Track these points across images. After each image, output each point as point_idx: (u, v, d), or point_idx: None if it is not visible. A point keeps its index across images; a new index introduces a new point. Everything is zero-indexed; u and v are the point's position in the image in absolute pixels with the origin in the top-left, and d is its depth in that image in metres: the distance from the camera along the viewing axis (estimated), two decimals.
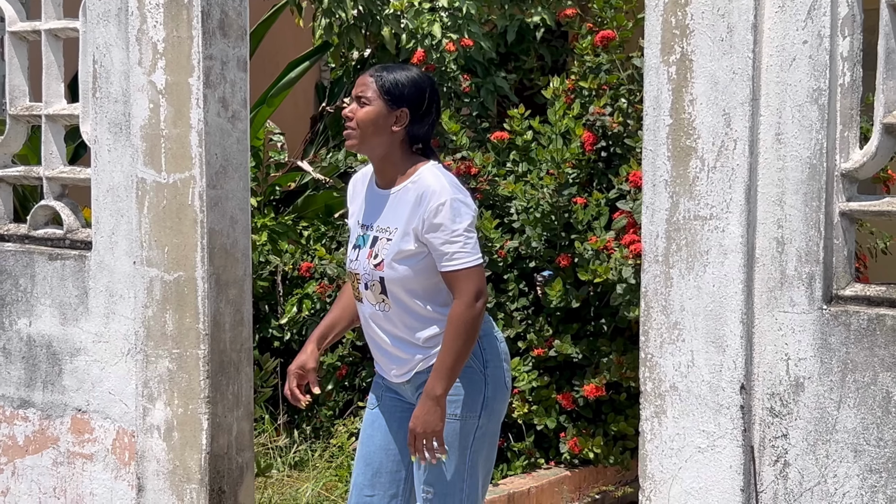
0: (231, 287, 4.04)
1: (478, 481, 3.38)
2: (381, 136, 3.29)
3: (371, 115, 3.29)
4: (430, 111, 3.32)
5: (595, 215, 5.20)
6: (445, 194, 3.21)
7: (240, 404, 4.10)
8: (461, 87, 6.08)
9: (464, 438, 3.32)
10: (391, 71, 3.33)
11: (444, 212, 3.19)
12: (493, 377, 3.33)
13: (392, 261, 3.28)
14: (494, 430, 3.41)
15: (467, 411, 3.31)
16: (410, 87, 3.29)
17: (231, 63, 4.00)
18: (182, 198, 3.95)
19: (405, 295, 3.30)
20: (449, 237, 3.20)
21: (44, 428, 4.36)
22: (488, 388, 3.32)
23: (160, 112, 3.98)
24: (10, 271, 4.41)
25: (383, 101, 3.28)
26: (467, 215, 3.22)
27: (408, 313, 3.33)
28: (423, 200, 3.21)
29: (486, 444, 3.38)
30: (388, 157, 3.32)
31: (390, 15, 6.25)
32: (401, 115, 3.27)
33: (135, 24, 4.01)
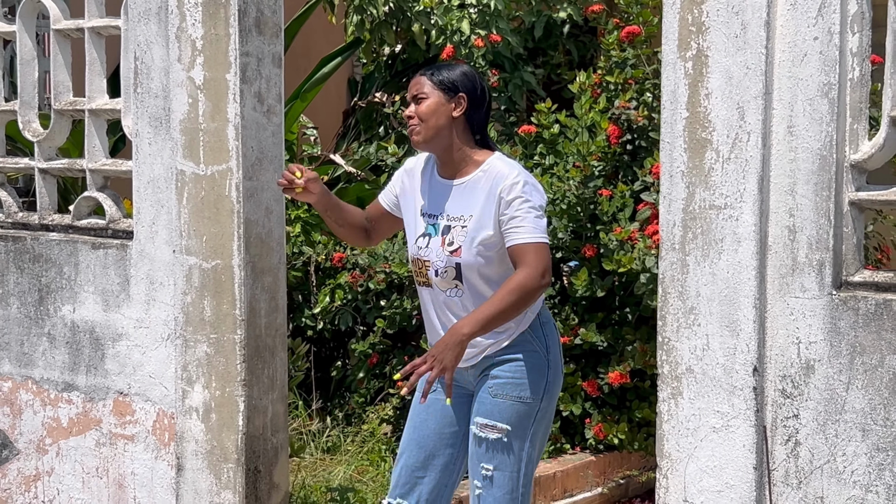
0: (266, 275, 4.19)
1: (535, 462, 3.51)
2: (444, 126, 3.42)
3: (432, 107, 3.43)
4: (484, 97, 3.47)
5: (620, 207, 5.31)
6: (521, 175, 3.34)
7: (274, 387, 4.25)
8: (489, 81, 6.21)
9: (526, 420, 3.44)
10: (441, 68, 3.48)
11: (518, 187, 3.31)
12: (554, 362, 3.48)
13: (471, 246, 3.38)
14: (552, 411, 3.53)
15: (532, 395, 3.43)
16: (462, 77, 3.44)
17: (266, 59, 4.15)
18: (219, 189, 4.11)
19: (479, 280, 3.41)
20: (524, 211, 3.31)
21: (87, 410, 4.52)
22: (550, 373, 3.45)
23: (199, 107, 4.12)
24: (55, 260, 4.57)
25: (441, 91, 3.43)
26: (539, 197, 3.35)
27: (481, 298, 3.41)
28: (497, 182, 3.34)
29: (545, 425, 3.51)
30: (454, 146, 3.45)
31: (420, 11, 6.39)
32: (459, 101, 3.42)
33: (174, 23, 4.15)
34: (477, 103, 3.45)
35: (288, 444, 4.37)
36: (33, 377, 4.63)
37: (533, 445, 3.48)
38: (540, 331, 3.46)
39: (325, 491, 5.00)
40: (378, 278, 5.69)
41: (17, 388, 4.67)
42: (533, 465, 3.51)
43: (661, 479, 3.40)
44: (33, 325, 4.61)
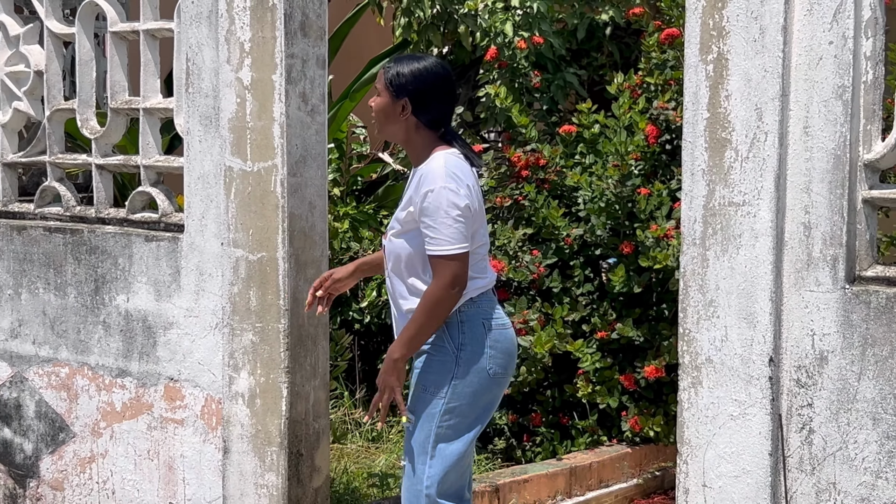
0: (309, 267, 4.36)
1: (444, 460, 3.51)
2: (393, 125, 3.56)
3: (380, 106, 3.57)
4: (432, 100, 3.51)
5: (657, 205, 5.44)
6: (438, 181, 3.40)
7: (316, 375, 4.43)
8: (532, 82, 6.35)
9: (430, 412, 3.51)
10: (398, 63, 3.55)
11: (430, 198, 3.39)
12: (466, 361, 3.50)
13: (390, 232, 3.56)
14: (469, 412, 3.53)
15: (433, 387, 3.51)
16: (411, 78, 3.50)
17: (311, 61, 4.33)
18: (265, 185, 4.29)
19: (395, 265, 3.58)
20: (433, 222, 3.40)
21: (139, 395, 4.73)
22: (458, 370, 3.49)
23: (246, 106, 4.31)
24: (110, 252, 4.77)
25: (388, 92, 3.53)
26: (454, 204, 3.39)
27: (397, 283, 3.59)
28: (420, 184, 3.45)
29: (457, 424, 3.52)
30: (409, 142, 3.59)
31: (466, 14, 6.54)
32: (403, 105, 3.51)
33: (224, 26, 4.35)
34: (424, 105, 3.51)
35: (329, 429, 4.54)
36: (89, 363, 4.85)
37: (439, 442, 3.50)
38: (456, 329, 3.51)
39: (366, 477, 5.18)
40: None
41: (73, 373, 4.90)
42: (445, 466, 3.51)
43: (681, 464, 3.54)
44: (89, 314, 4.83)
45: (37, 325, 4.99)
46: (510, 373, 3.66)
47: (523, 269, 5.55)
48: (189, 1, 4.44)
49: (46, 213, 5.07)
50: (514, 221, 5.84)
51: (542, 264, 5.61)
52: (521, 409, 5.75)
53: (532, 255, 5.61)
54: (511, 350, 3.63)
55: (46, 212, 5.07)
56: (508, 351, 3.61)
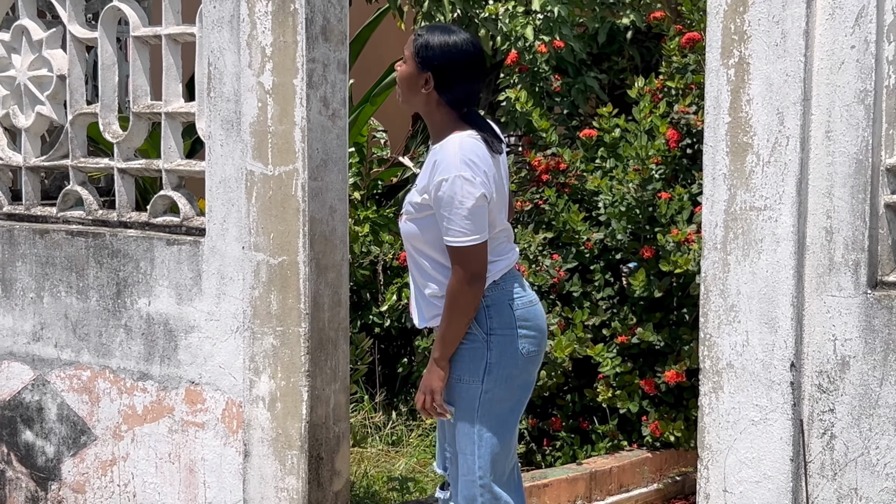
0: (330, 271, 4.37)
1: (492, 447, 3.52)
2: (415, 96, 3.49)
3: (404, 74, 3.50)
4: (457, 78, 3.42)
5: (678, 209, 5.43)
6: (452, 170, 3.32)
7: (337, 378, 4.44)
8: (552, 86, 6.35)
9: (469, 402, 3.51)
10: (430, 32, 3.45)
11: (445, 188, 3.33)
12: (498, 344, 3.49)
13: (405, 215, 3.53)
14: (507, 396, 3.53)
15: (469, 375, 3.50)
16: (438, 52, 3.41)
17: (332, 65, 4.34)
18: (286, 189, 4.30)
19: (412, 248, 3.55)
20: (448, 213, 3.34)
21: (160, 398, 4.75)
22: (491, 354, 3.48)
23: (267, 110, 4.32)
24: (132, 255, 4.79)
25: (414, 61, 3.46)
26: (469, 194, 3.32)
27: (415, 266, 3.58)
28: (434, 169, 3.38)
29: (498, 409, 3.52)
30: (428, 116, 3.52)
31: (486, 18, 6.54)
32: (428, 79, 3.44)
33: (245, 30, 4.36)
34: (448, 82, 3.42)
35: (349, 433, 4.55)
36: (110, 367, 4.87)
37: (484, 430, 3.50)
38: (483, 314, 3.48)
39: (386, 480, 5.19)
40: None
41: (95, 376, 4.92)
42: (490, 452, 3.51)
43: (701, 469, 3.53)
44: (111, 317, 4.85)
45: (59, 329, 5.02)
46: (543, 349, 3.62)
47: (543, 273, 5.55)
48: (211, 6, 4.46)
49: (69, 216, 5.09)
50: (535, 225, 5.84)
51: (562, 268, 5.60)
52: (541, 414, 5.75)
53: (552, 260, 5.61)
54: (541, 326, 3.60)
55: (69, 215, 5.09)
56: (539, 328, 3.59)
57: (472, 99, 3.50)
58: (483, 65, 3.52)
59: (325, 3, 4.28)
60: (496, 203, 3.47)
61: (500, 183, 3.50)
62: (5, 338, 5.19)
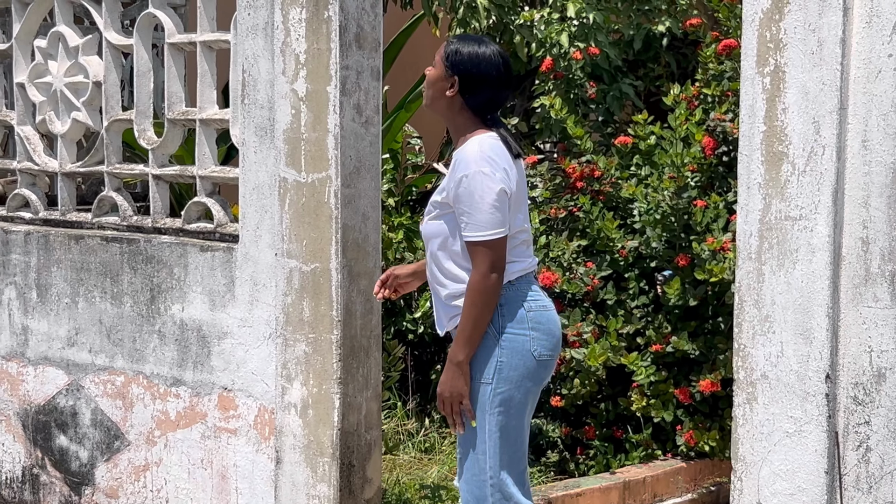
0: (362, 278, 4.37)
1: (503, 448, 3.50)
2: (440, 99, 3.56)
3: (432, 77, 3.59)
4: (482, 85, 3.49)
5: (713, 217, 5.40)
6: (472, 166, 3.38)
7: (369, 386, 4.43)
8: (587, 93, 6.32)
9: (480, 401, 3.49)
10: (461, 41, 3.56)
11: (465, 183, 3.38)
12: (509, 345, 3.48)
13: (427, 216, 3.56)
14: (518, 396, 3.51)
15: (479, 375, 3.48)
16: (466, 58, 3.50)
17: (365, 73, 4.34)
18: (319, 196, 4.30)
19: (432, 249, 3.57)
20: (468, 208, 3.38)
21: (193, 404, 4.76)
22: (503, 353, 3.47)
23: (301, 117, 4.33)
24: (166, 261, 4.81)
25: (443, 65, 3.54)
26: (489, 188, 3.37)
27: (436, 268, 3.58)
28: (455, 169, 3.44)
29: (509, 409, 3.50)
30: (451, 120, 3.58)
31: (521, 24, 6.53)
32: (454, 83, 3.51)
33: (280, 38, 4.37)
34: (473, 88, 3.50)
35: (381, 440, 4.54)
36: (144, 372, 4.89)
37: (495, 430, 3.48)
38: (496, 313, 3.48)
39: (418, 488, 5.17)
40: None
41: (129, 382, 4.94)
42: (501, 453, 3.50)
43: (735, 481, 3.49)
44: (145, 323, 4.87)
45: (93, 334, 5.04)
46: (556, 354, 3.61)
47: (577, 280, 5.52)
48: (245, 13, 4.47)
49: (104, 222, 5.12)
50: (569, 233, 5.81)
51: (596, 276, 5.58)
52: (574, 422, 5.72)
53: (586, 267, 5.58)
54: (554, 331, 3.59)
55: (104, 221, 5.12)
56: (552, 332, 3.58)
57: (496, 106, 3.57)
58: (510, 77, 3.59)
59: (359, 10, 4.28)
60: (515, 202, 3.50)
61: (519, 184, 3.54)
62: (40, 342, 5.23)
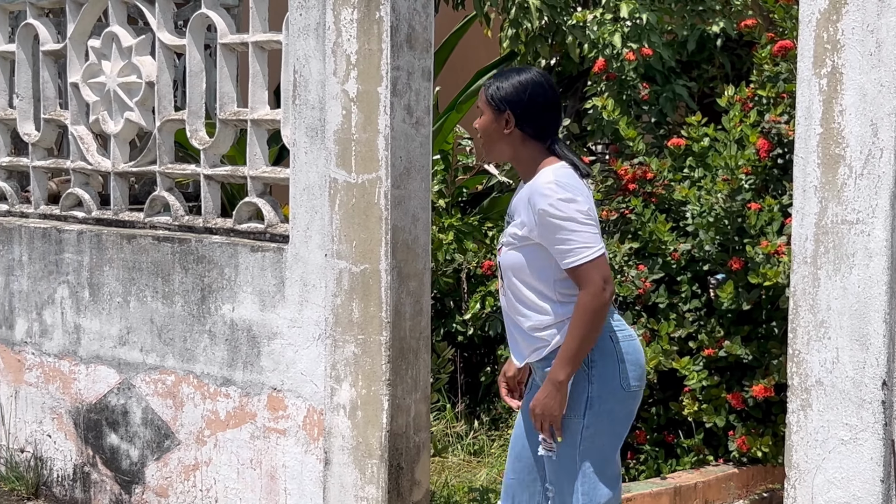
0: (412, 279, 4.36)
1: (597, 483, 3.46)
2: (499, 142, 3.52)
3: (484, 124, 3.55)
4: (536, 110, 3.46)
5: (768, 220, 5.33)
6: (552, 196, 3.34)
7: (418, 388, 4.41)
8: (640, 94, 6.27)
9: (570, 437, 3.45)
10: (498, 78, 3.52)
11: (553, 213, 3.33)
12: (599, 376, 3.43)
13: (504, 246, 3.50)
14: (609, 431, 3.48)
15: (570, 411, 3.42)
16: (511, 90, 3.46)
17: (416, 73, 4.32)
18: (369, 197, 4.29)
19: (514, 280, 3.50)
20: (564, 235, 3.34)
21: (243, 404, 4.76)
22: (593, 388, 3.43)
23: (351, 118, 4.32)
24: (217, 261, 4.82)
25: (490, 108, 3.51)
26: (576, 211, 3.33)
27: (516, 299, 3.52)
28: (533, 202, 3.39)
29: (599, 444, 3.46)
30: (517, 158, 3.54)
31: (574, 25, 6.48)
32: (507, 118, 3.47)
33: (331, 38, 4.36)
34: (527, 116, 3.46)
35: (430, 442, 4.53)
36: (194, 372, 4.90)
37: (588, 466, 3.45)
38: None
39: (467, 491, 5.15)
40: None
41: (179, 381, 4.96)
42: (594, 484, 3.45)
43: (788, 489, 3.44)
44: (195, 323, 4.88)
45: (144, 333, 5.06)
46: (643, 384, 3.56)
47: (629, 283, 5.47)
48: (297, 13, 4.47)
49: (156, 222, 5.14)
50: (620, 235, 5.77)
51: (647, 279, 5.53)
52: None
53: (638, 270, 5.53)
54: (641, 361, 3.55)
55: (156, 221, 5.15)
56: (639, 362, 3.53)
57: (554, 128, 3.52)
58: (557, 95, 3.55)
59: (411, 10, 4.27)
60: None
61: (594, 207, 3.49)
62: (92, 341, 5.26)
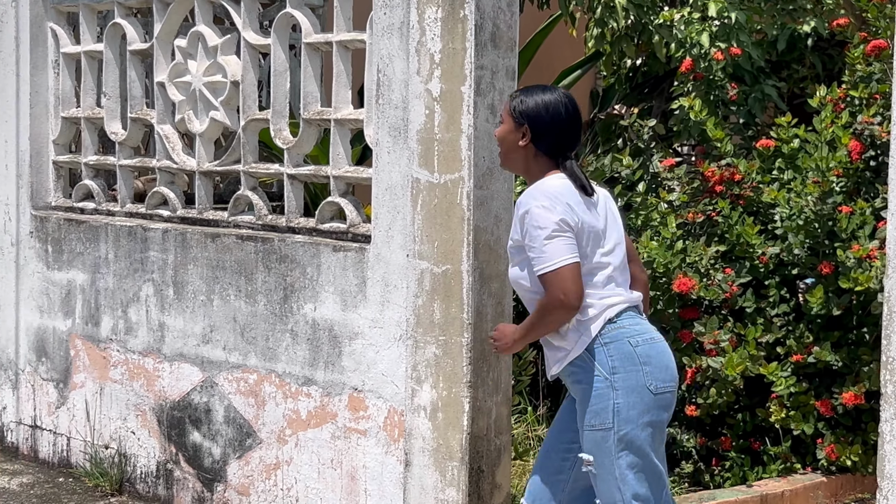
0: (493, 281, 4.31)
1: (637, 489, 3.46)
2: (514, 152, 3.63)
3: (502, 133, 3.66)
4: (552, 130, 3.55)
5: (859, 224, 5.21)
6: (531, 202, 3.45)
7: (499, 390, 4.37)
8: (728, 95, 6.17)
9: (604, 448, 3.47)
10: (523, 93, 3.62)
11: (527, 220, 3.44)
12: (623, 383, 3.44)
13: (510, 262, 3.66)
14: (642, 435, 3.47)
15: (599, 421, 3.46)
16: (532, 105, 3.56)
17: (500, 73, 4.28)
18: (451, 197, 4.26)
19: (523, 293, 3.61)
20: (532, 242, 3.44)
21: (324, 404, 4.76)
22: (618, 395, 3.44)
23: (434, 118, 4.29)
24: (299, 261, 4.82)
25: (511, 118, 3.61)
26: (548, 220, 3.41)
27: (530, 310, 3.59)
28: (516, 206, 3.52)
29: (635, 450, 3.46)
30: (527, 170, 3.64)
31: (661, 24, 6.40)
32: (525, 132, 3.57)
33: (415, 37, 4.34)
34: (542, 132, 3.55)
35: (511, 446, 4.48)
36: (276, 371, 4.91)
37: (626, 474, 3.45)
38: (602, 353, 3.47)
39: None
40: None
41: (261, 380, 4.96)
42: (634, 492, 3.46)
43: (880, 499, 3.34)
44: (278, 322, 4.88)
45: (227, 332, 5.08)
46: (674, 385, 3.55)
47: (715, 287, 5.37)
48: (381, 12, 4.45)
49: (239, 221, 5.16)
50: (707, 238, 5.67)
51: (735, 283, 5.42)
52: (710, 433, 5.57)
53: (725, 274, 5.43)
54: (666, 363, 3.54)
55: (239, 220, 5.16)
56: (663, 364, 3.52)
57: (569, 148, 3.60)
58: (578, 121, 3.63)
59: (496, 9, 4.23)
60: (589, 237, 3.51)
61: (597, 218, 3.57)
62: (176, 339, 5.29)
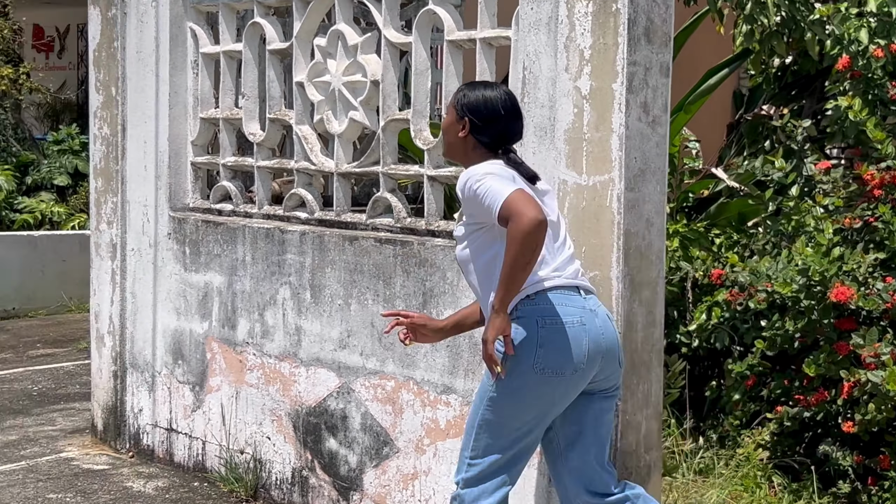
0: (644, 288, 4.11)
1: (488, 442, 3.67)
2: (455, 143, 3.85)
3: (445, 124, 3.89)
4: (491, 124, 3.76)
5: None
6: (467, 174, 3.67)
7: (649, 404, 4.16)
8: (888, 94, 5.86)
9: (483, 390, 3.72)
10: (467, 87, 3.87)
11: (469, 183, 3.62)
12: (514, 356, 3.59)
13: (457, 242, 3.84)
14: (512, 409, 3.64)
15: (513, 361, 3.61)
16: (473, 100, 3.79)
17: (654, 69, 4.08)
18: (600, 200, 4.07)
19: (468, 276, 3.81)
20: (482, 192, 3.57)
21: (464, 414, 4.60)
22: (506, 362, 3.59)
23: (583, 116, 4.11)
24: (439, 265, 4.68)
25: (455, 111, 3.84)
26: (484, 170, 3.63)
27: (479, 288, 3.76)
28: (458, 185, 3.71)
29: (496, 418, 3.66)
30: (467, 159, 3.81)
31: (815, 21, 6.11)
32: (465, 124, 3.80)
33: (563, 32, 4.16)
34: (483, 126, 3.77)
35: (661, 462, 4.27)
36: (414, 378, 4.77)
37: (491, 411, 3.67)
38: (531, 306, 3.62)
39: None
40: (759, 297, 5.47)
41: (399, 387, 4.83)
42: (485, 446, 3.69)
43: None
44: None
45: (364, 337, 4.97)
46: (567, 373, 3.62)
47: (874, 297, 5.08)
48: (528, 7, 4.28)
49: (377, 223, 5.04)
50: (865, 245, 5.38)
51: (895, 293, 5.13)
52: (868, 450, 5.28)
53: (885, 283, 5.13)
54: (567, 347, 3.60)
55: (377, 222, 5.05)
56: (563, 348, 3.60)
57: (507, 140, 3.81)
58: (518, 112, 3.85)
59: (650, 2, 4.04)
60: None
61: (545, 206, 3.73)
62: (313, 343, 5.20)
